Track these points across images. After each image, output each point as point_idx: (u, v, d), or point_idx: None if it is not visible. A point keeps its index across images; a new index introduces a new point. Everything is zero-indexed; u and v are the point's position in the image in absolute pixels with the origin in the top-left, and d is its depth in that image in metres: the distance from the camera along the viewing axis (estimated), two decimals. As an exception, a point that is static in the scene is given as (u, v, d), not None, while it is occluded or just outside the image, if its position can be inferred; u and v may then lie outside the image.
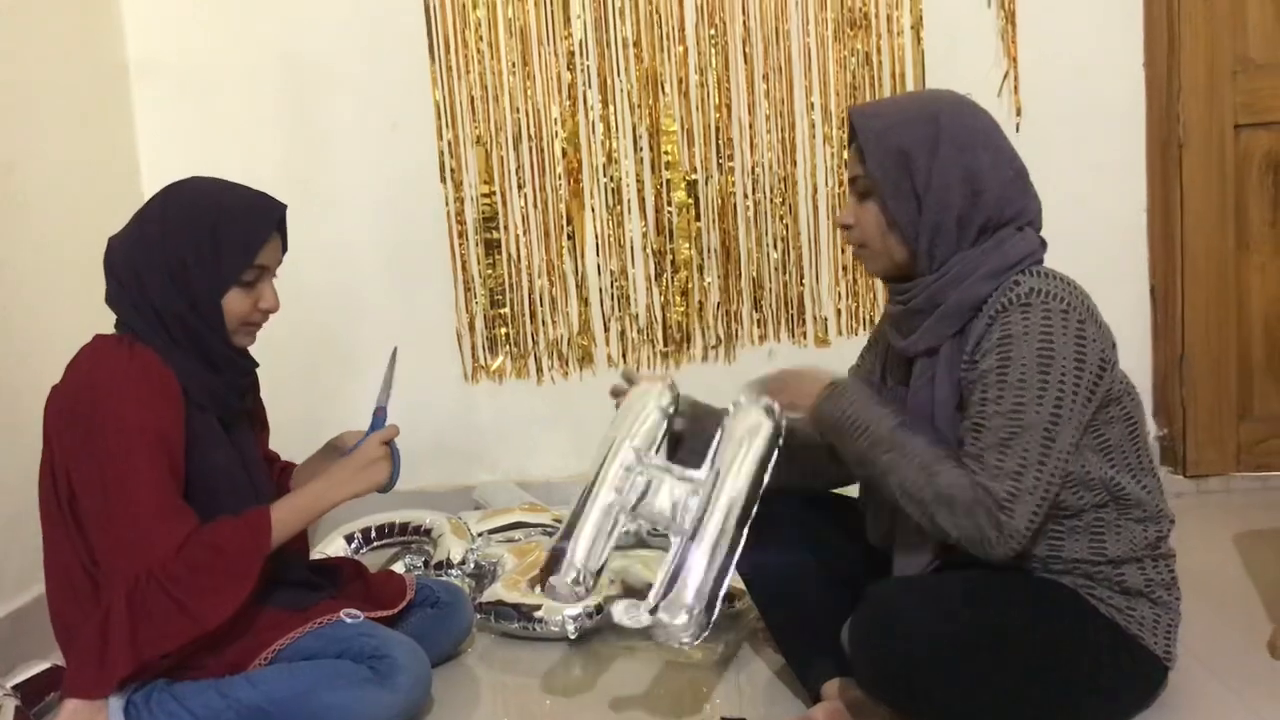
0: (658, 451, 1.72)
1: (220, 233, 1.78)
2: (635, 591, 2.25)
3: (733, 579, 1.62)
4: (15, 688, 1.92)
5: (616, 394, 1.84)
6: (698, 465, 1.66)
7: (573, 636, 2.16)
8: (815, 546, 1.80)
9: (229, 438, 1.87)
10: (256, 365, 1.94)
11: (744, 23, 2.81)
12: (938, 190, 1.56)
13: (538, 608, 2.18)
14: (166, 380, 1.76)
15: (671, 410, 1.76)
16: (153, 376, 1.75)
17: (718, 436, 1.67)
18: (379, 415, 1.94)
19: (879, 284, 2.81)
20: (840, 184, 2.81)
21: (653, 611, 1.55)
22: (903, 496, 1.55)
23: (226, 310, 1.80)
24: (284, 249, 1.89)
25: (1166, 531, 1.65)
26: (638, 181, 2.87)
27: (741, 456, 1.63)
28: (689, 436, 1.80)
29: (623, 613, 1.58)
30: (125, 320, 1.81)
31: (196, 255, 1.77)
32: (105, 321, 1.86)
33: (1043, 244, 1.63)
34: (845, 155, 1.71)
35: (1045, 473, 1.48)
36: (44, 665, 2.00)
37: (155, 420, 1.73)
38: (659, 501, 1.64)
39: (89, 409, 1.73)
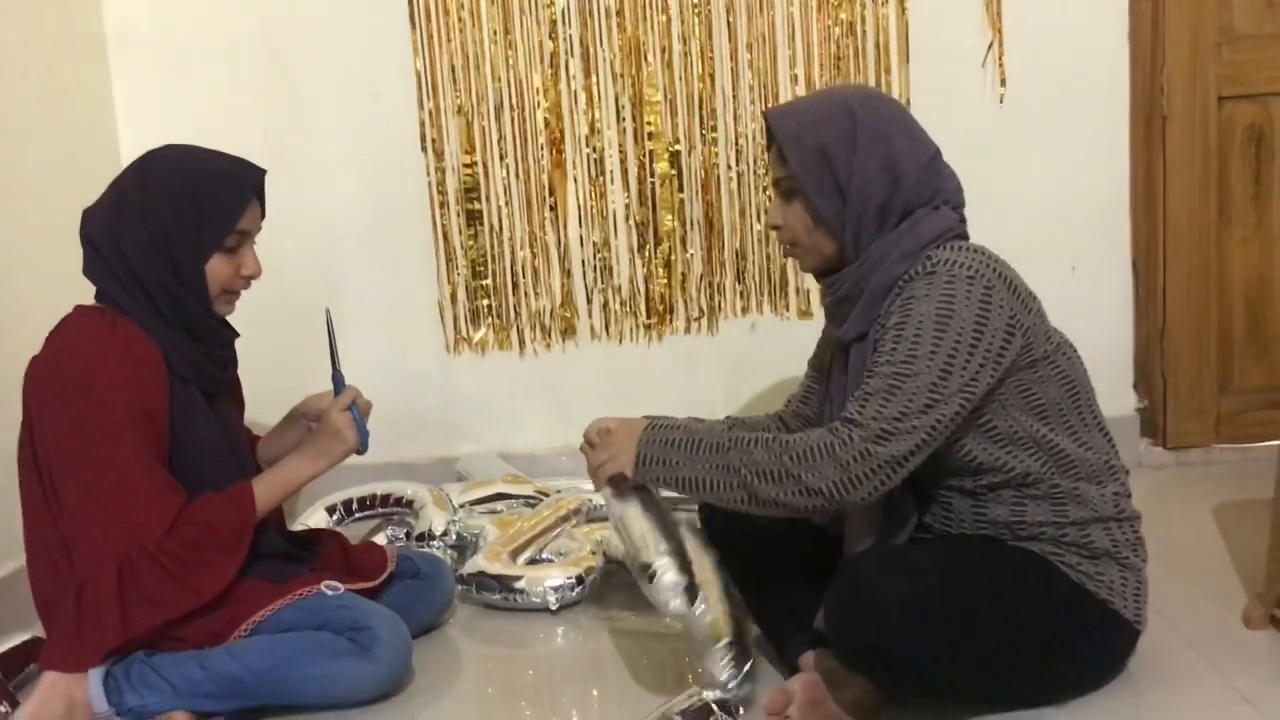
0: None
1: (202, 198, 1.77)
2: (616, 561, 2.26)
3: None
4: (-6, 659, 1.92)
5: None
6: None
7: (554, 608, 2.17)
8: (787, 524, 1.80)
9: (212, 410, 1.87)
10: (237, 335, 1.93)
11: (727, -8, 2.79)
12: (859, 182, 1.60)
13: (519, 579, 2.19)
14: (150, 352, 1.75)
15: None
16: (135, 349, 1.74)
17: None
18: (336, 381, 1.94)
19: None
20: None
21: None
22: (763, 482, 1.55)
23: (209, 276, 1.79)
24: (263, 214, 1.88)
25: (1124, 488, 1.68)
26: (620, 152, 2.86)
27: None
28: None
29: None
30: (105, 291, 1.80)
31: (178, 222, 1.76)
32: (85, 292, 1.84)
33: (961, 219, 1.67)
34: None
35: (926, 421, 1.50)
36: (24, 636, 1.99)
37: (139, 393, 1.72)
38: None
39: (71, 382, 1.72)
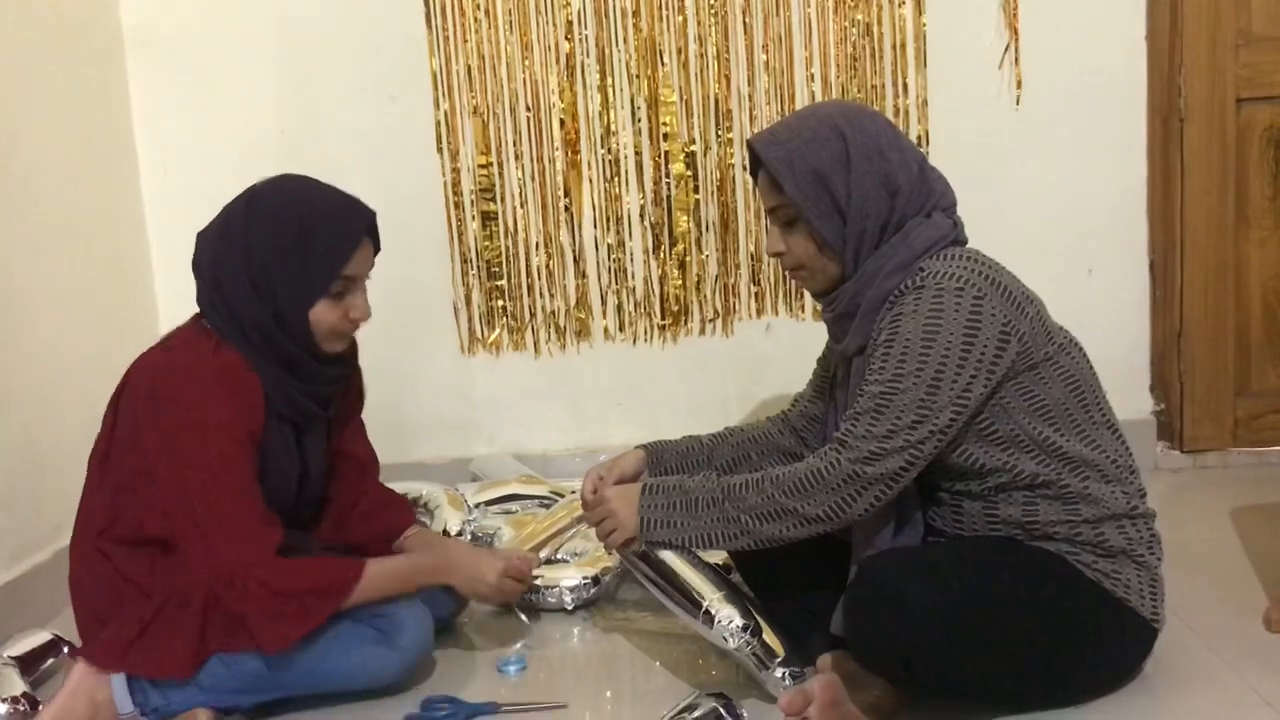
0: None
1: (306, 244, 1.70)
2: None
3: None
4: (14, 657, 1.92)
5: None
6: None
7: (570, 608, 2.17)
8: None
9: (298, 443, 1.83)
10: (348, 373, 1.88)
11: (744, -7, 2.79)
12: (858, 201, 1.61)
13: (535, 579, 2.18)
14: (248, 384, 1.72)
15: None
16: (234, 379, 1.71)
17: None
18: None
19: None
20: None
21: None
22: (763, 523, 1.59)
23: (314, 322, 1.74)
24: (376, 251, 1.82)
25: (1137, 486, 1.67)
26: (636, 153, 2.86)
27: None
28: None
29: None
30: (210, 321, 1.75)
31: (281, 267, 1.70)
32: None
33: (954, 223, 1.67)
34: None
35: (916, 435, 1.53)
36: (45, 636, 2.00)
37: (230, 422, 1.69)
38: None
39: (168, 404, 1.69)
